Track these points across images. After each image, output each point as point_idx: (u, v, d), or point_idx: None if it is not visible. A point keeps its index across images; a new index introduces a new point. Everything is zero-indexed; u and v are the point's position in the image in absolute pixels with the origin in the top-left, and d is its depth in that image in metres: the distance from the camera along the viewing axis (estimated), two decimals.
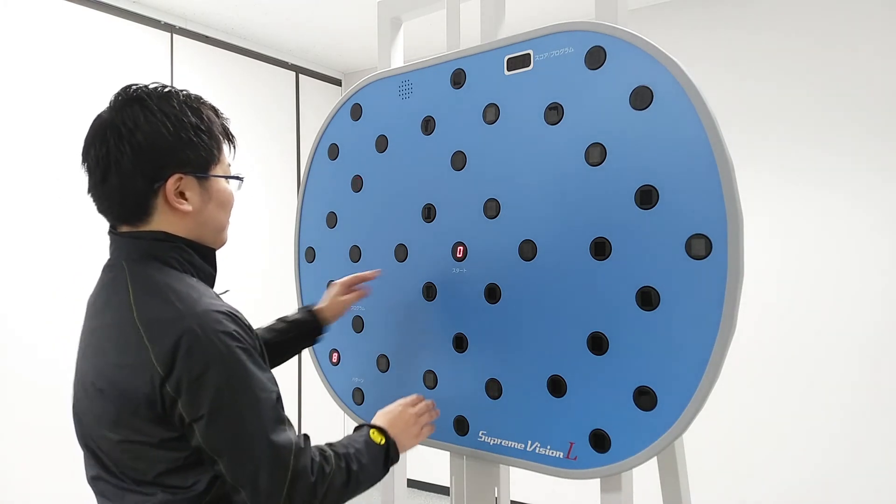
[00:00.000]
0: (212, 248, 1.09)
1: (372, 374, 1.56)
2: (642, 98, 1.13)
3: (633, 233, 1.14)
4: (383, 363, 1.54)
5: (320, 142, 1.67)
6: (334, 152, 1.64)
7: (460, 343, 1.38)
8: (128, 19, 3.00)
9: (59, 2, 2.74)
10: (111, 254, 1.04)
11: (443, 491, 3.78)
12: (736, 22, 2.97)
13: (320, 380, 1.69)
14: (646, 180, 1.12)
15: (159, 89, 1.03)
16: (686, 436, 1.17)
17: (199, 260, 1.05)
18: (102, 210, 1.03)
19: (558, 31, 1.24)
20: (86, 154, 1.01)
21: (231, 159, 1.12)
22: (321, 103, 4.07)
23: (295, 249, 1.73)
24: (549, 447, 1.25)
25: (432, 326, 1.43)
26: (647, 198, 1.12)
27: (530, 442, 1.28)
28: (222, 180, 1.08)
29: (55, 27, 2.72)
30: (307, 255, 1.70)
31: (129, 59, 3.00)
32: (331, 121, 1.65)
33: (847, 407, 2.70)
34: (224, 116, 1.11)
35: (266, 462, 0.92)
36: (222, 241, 1.12)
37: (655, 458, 1.26)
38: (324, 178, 1.67)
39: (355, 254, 1.59)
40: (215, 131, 1.06)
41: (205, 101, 1.08)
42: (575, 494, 3.23)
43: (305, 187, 1.71)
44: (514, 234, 1.30)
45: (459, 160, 1.39)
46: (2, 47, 2.55)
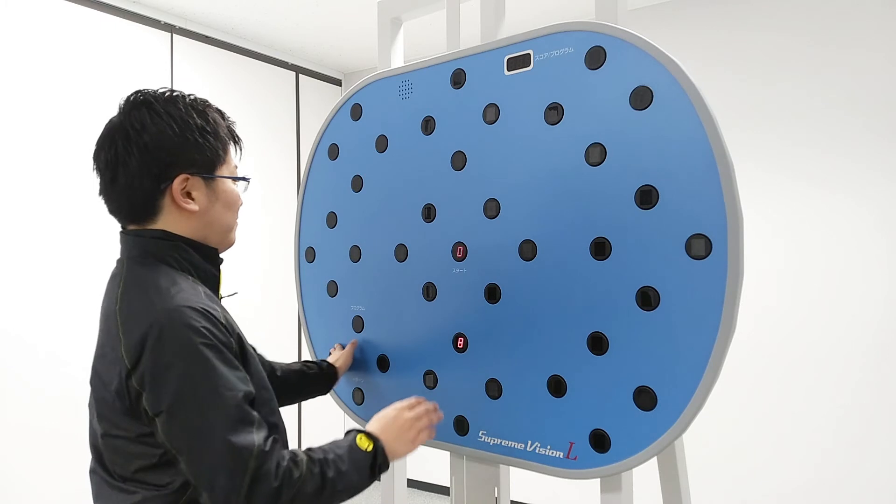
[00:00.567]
0: (215, 249, 1.10)
1: (372, 374, 1.57)
2: (642, 98, 1.13)
3: (633, 233, 1.14)
4: (383, 363, 1.54)
5: (320, 142, 1.67)
6: (334, 152, 1.64)
7: (460, 343, 1.39)
8: (128, 19, 3.01)
9: (59, 2, 2.74)
10: (119, 251, 1.08)
11: (443, 491, 3.78)
12: (736, 22, 2.97)
13: None
14: (646, 180, 1.12)
15: (166, 93, 1.06)
16: (686, 436, 1.17)
17: (200, 260, 1.06)
18: (112, 211, 1.07)
19: (558, 31, 1.24)
20: (96, 157, 1.05)
21: (238, 161, 1.14)
22: (321, 103, 4.07)
23: (295, 249, 1.73)
24: (549, 447, 1.25)
25: (432, 326, 1.43)
26: (646, 198, 1.12)
27: (530, 442, 1.28)
28: (228, 181, 1.10)
29: (55, 27, 2.72)
30: (307, 255, 1.70)
31: (129, 58, 3.00)
32: (331, 121, 1.65)
33: (848, 407, 2.70)
34: (230, 119, 1.13)
35: (223, 462, 0.89)
36: (230, 242, 1.13)
37: (655, 458, 1.26)
38: (324, 178, 1.67)
39: (355, 254, 1.59)
40: (221, 133, 1.08)
41: (211, 104, 1.10)
42: (575, 494, 3.23)
43: (305, 187, 1.71)
44: (514, 234, 1.30)
45: (459, 160, 1.39)
46: (2, 47, 2.55)
